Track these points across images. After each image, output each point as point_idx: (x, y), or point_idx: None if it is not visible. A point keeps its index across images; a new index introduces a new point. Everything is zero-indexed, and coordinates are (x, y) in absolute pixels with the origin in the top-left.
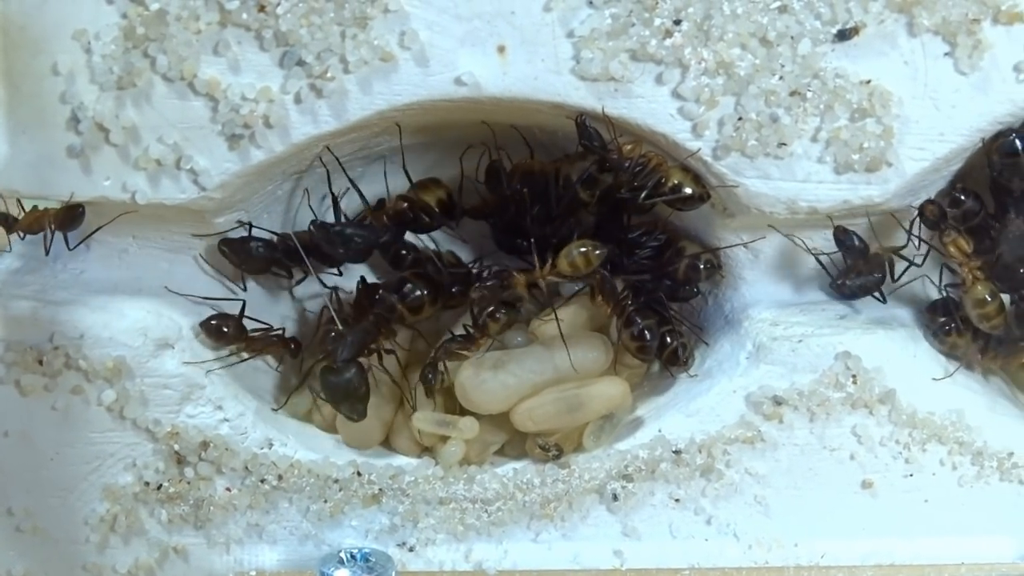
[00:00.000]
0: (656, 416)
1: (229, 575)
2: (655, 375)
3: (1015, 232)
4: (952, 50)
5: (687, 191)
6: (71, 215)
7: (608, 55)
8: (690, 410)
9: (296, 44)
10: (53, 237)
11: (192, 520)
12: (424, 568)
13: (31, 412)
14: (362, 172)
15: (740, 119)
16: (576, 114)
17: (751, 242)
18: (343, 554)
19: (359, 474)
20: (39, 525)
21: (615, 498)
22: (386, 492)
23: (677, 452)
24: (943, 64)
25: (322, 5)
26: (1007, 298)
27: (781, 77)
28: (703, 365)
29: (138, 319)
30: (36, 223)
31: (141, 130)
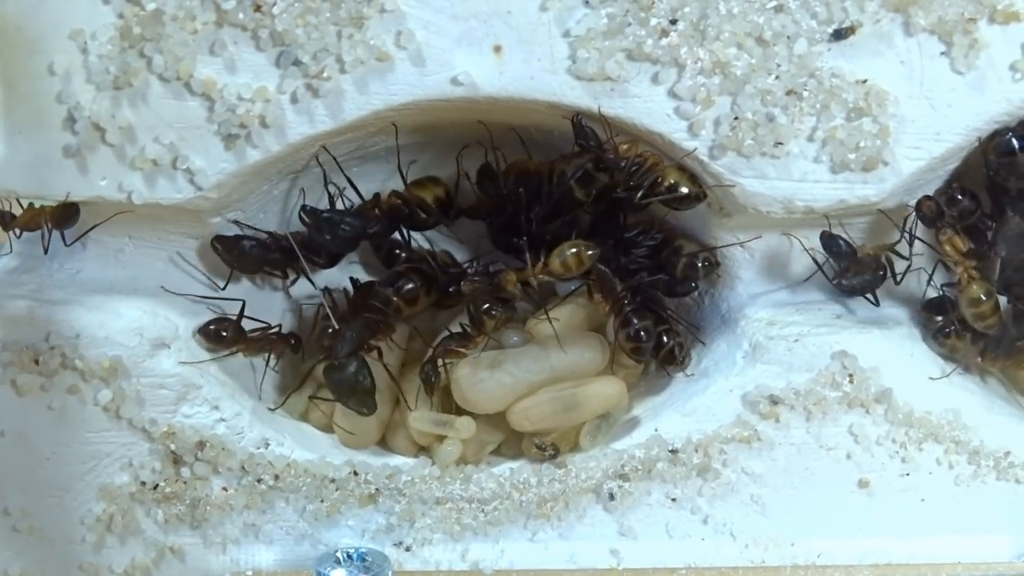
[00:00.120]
0: (653, 415)
1: (225, 575)
2: (652, 375)
3: (1012, 231)
4: (948, 49)
5: (683, 190)
6: (67, 213)
7: (604, 55)
8: (687, 409)
9: (292, 44)
10: (51, 235)
11: (188, 520)
12: (421, 568)
13: (27, 412)
14: (358, 172)
15: (736, 119)
16: (572, 114)
17: (748, 241)
18: (339, 554)
19: (356, 474)
20: (35, 525)
21: (611, 498)
22: (383, 492)
23: (674, 451)
24: (939, 63)
25: (318, 5)
26: (1004, 298)
27: (777, 77)
28: (700, 364)
29: (134, 319)
30: (33, 221)
31: (137, 130)
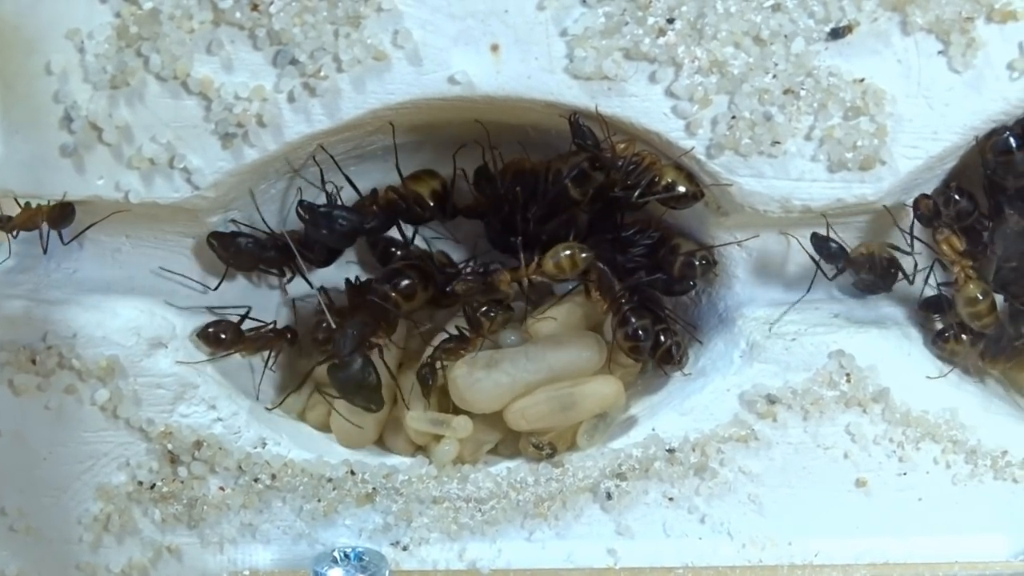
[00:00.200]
0: (650, 415)
1: (223, 575)
2: (649, 374)
3: (1009, 230)
4: (946, 48)
5: (681, 190)
6: (63, 213)
7: (601, 54)
8: (684, 409)
9: (289, 43)
10: (49, 234)
11: (186, 519)
12: (418, 567)
13: (24, 412)
14: (356, 171)
15: (734, 118)
16: (570, 113)
17: (745, 241)
18: (337, 553)
19: (353, 473)
20: (32, 525)
21: (609, 497)
22: (380, 491)
23: (671, 451)
24: (937, 62)
25: (315, 4)
26: (1001, 297)
27: (774, 76)
28: (697, 364)
29: (131, 318)
30: (30, 221)
31: (134, 129)
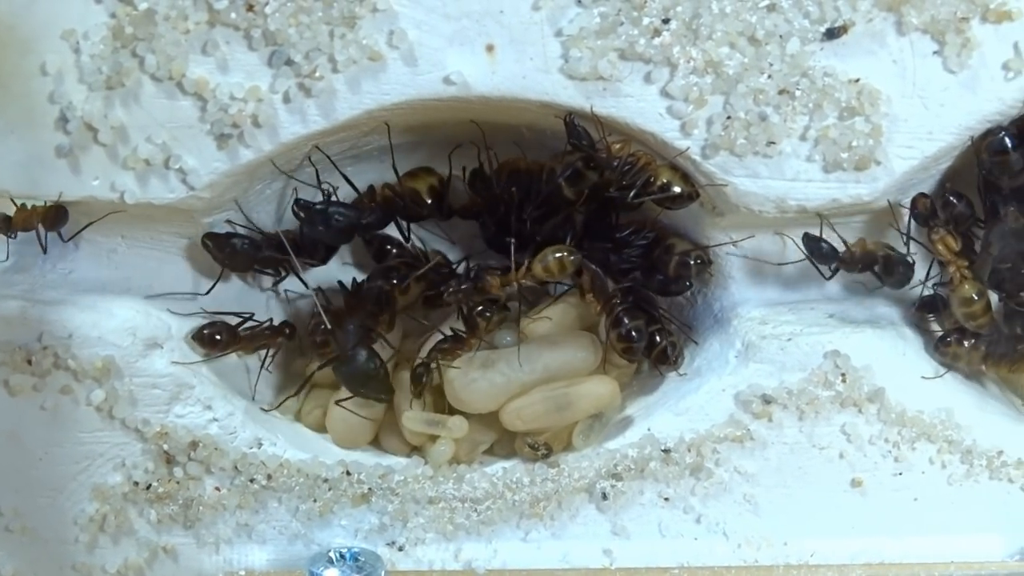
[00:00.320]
0: (645, 415)
1: (218, 575)
2: (644, 374)
3: (1004, 229)
4: (941, 48)
5: (676, 190)
6: (56, 215)
7: (597, 54)
8: (679, 409)
9: (284, 43)
10: (47, 234)
11: (181, 520)
12: (413, 567)
13: (20, 412)
14: (351, 172)
15: (729, 118)
16: (565, 113)
17: (740, 241)
18: (332, 553)
19: (348, 473)
20: (28, 525)
21: (604, 497)
22: (375, 491)
23: (666, 451)
24: (932, 62)
25: (310, 4)
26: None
27: (770, 76)
28: (692, 364)
29: (127, 319)
30: (27, 222)
31: (130, 130)
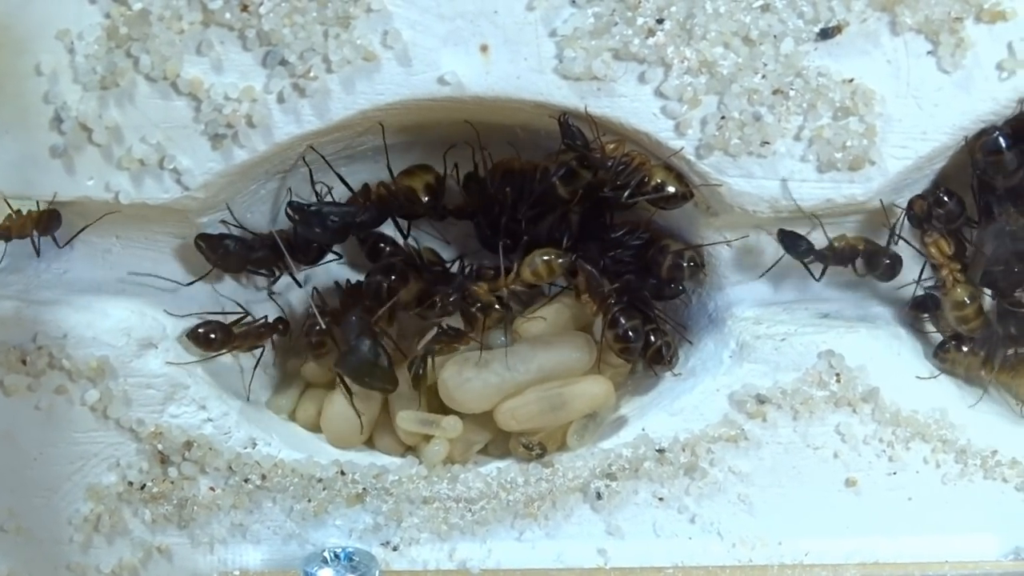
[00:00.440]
0: (640, 415)
1: (213, 575)
2: (639, 374)
3: (998, 228)
4: (935, 48)
5: (670, 190)
6: (50, 219)
7: (591, 54)
8: (674, 409)
9: (279, 44)
10: (40, 238)
11: (176, 520)
12: (408, 567)
13: (14, 412)
14: (346, 172)
15: (723, 118)
16: (559, 113)
17: (734, 241)
18: (327, 553)
19: (343, 473)
20: (23, 525)
21: (599, 497)
22: (370, 491)
23: (661, 451)
24: (926, 63)
25: (305, 5)
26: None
27: (764, 76)
28: (687, 364)
29: (121, 319)
30: (23, 228)
31: (124, 130)
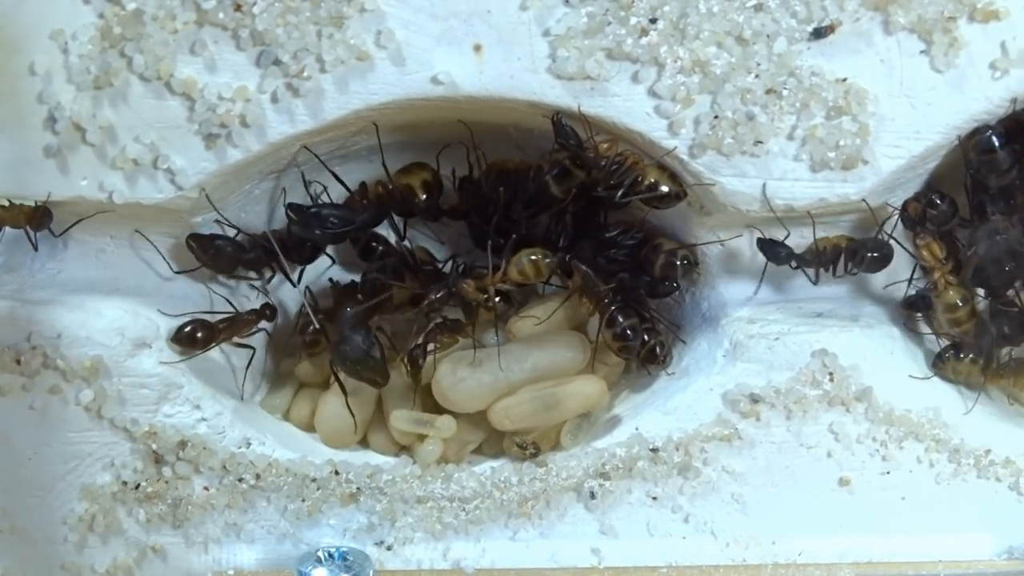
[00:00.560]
0: (633, 414)
1: (207, 574)
2: (632, 373)
3: (991, 228)
4: (928, 48)
5: (663, 189)
6: (40, 215)
7: (584, 54)
8: (667, 408)
9: (272, 43)
10: (36, 233)
11: (170, 519)
12: (402, 567)
13: (9, 412)
14: (340, 172)
15: (716, 117)
16: (552, 113)
17: (728, 240)
18: (321, 553)
19: (337, 473)
20: (17, 525)
21: (592, 496)
22: (364, 491)
23: (654, 450)
24: (919, 62)
25: (298, 4)
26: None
27: (757, 75)
28: (680, 363)
29: (115, 318)
30: (14, 219)
31: (118, 130)
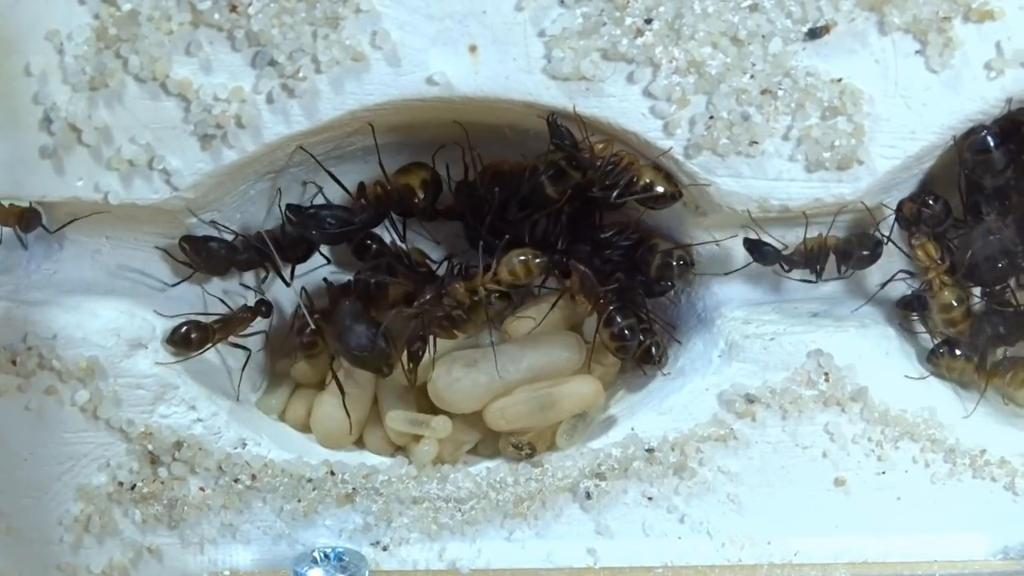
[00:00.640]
0: (629, 414)
1: (203, 575)
2: (628, 373)
3: (986, 228)
4: (923, 48)
5: (659, 190)
6: (31, 216)
7: (579, 54)
8: (663, 408)
9: (268, 44)
10: (26, 235)
11: (166, 520)
12: (398, 567)
13: (4, 413)
14: (335, 172)
15: (711, 118)
16: (547, 113)
17: (723, 240)
18: (316, 553)
19: (332, 473)
20: (13, 525)
21: (588, 496)
22: (359, 491)
23: (650, 450)
24: (914, 62)
25: (294, 5)
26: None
27: (752, 76)
28: (676, 363)
29: (111, 319)
30: (4, 219)
31: (113, 130)
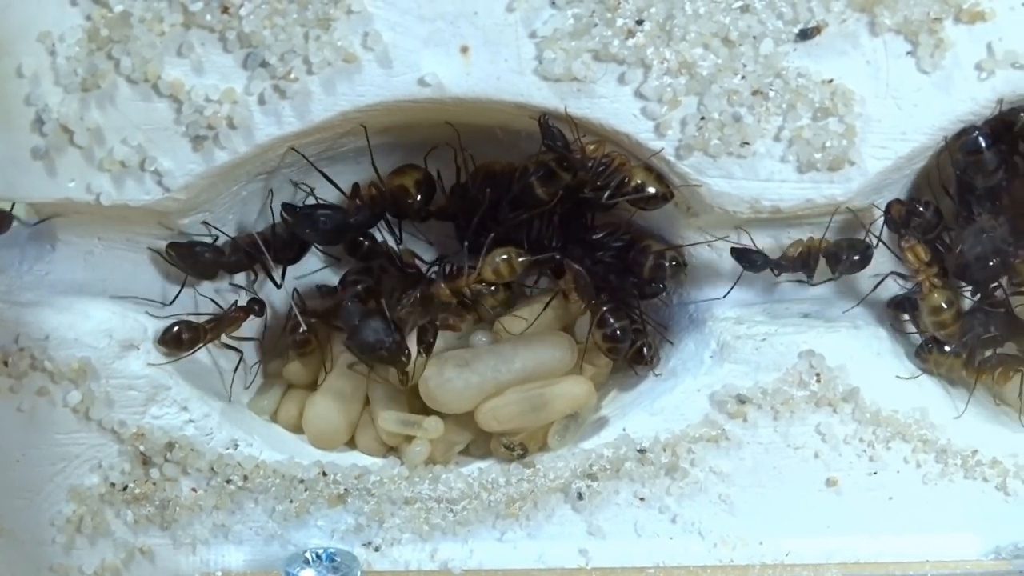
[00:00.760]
0: (621, 415)
1: (195, 575)
2: (620, 374)
3: (978, 228)
4: (914, 49)
5: (650, 190)
6: (1, 218)
7: (571, 55)
8: (654, 409)
9: (259, 45)
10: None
11: (158, 521)
12: (390, 568)
13: None
14: (328, 173)
15: (703, 119)
16: (539, 114)
17: (714, 241)
18: (308, 554)
19: (324, 474)
20: (5, 526)
21: (580, 497)
22: (351, 492)
23: (642, 451)
24: (905, 63)
25: (285, 6)
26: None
27: (743, 77)
28: (668, 364)
29: (103, 320)
30: None
31: (105, 132)
